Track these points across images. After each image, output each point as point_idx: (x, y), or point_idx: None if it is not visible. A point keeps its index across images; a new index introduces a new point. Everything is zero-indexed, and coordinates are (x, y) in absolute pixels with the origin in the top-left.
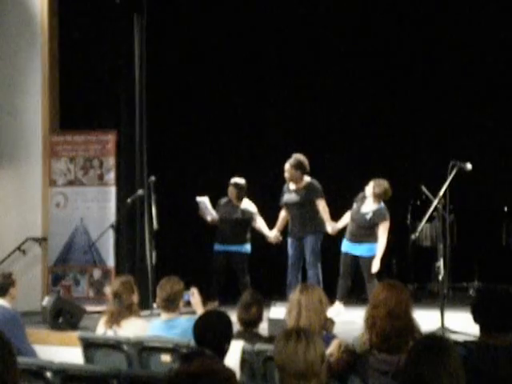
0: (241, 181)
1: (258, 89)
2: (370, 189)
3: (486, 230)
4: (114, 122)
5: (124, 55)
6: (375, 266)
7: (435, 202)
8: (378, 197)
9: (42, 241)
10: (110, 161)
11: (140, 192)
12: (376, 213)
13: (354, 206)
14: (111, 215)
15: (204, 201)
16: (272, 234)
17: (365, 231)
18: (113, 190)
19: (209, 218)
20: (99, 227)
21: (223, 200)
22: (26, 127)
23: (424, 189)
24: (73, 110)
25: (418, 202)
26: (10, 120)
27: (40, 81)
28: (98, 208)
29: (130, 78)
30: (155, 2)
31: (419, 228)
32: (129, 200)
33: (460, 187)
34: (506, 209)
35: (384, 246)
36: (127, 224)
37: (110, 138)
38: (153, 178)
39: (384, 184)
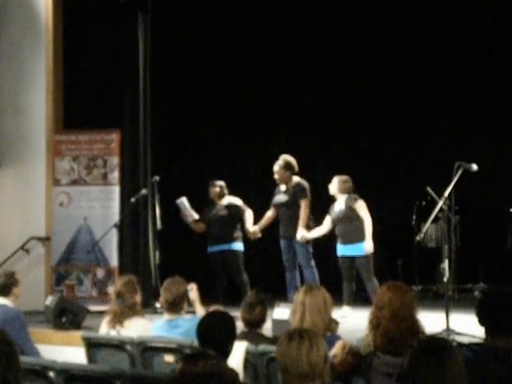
0: (219, 181)
1: (261, 87)
2: (334, 185)
3: (492, 231)
4: (117, 121)
5: (128, 54)
6: (368, 247)
7: (440, 203)
8: (342, 190)
9: (45, 240)
10: (114, 160)
11: (144, 191)
12: (347, 201)
13: (328, 216)
14: (115, 215)
15: (183, 201)
16: (252, 229)
17: (350, 226)
18: (116, 189)
19: (189, 219)
20: (103, 227)
21: (206, 206)
22: (29, 126)
23: (429, 190)
24: (77, 109)
25: (424, 203)
26: (14, 119)
27: (44, 80)
28: (101, 207)
29: (134, 78)
30: (159, 1)
31: (424, 229)
32: (132, 199)
33: (465, 188)
34: (511, 210)
35: (370, 224)
36: (131, 223)
37: (114, 138)
38: (156, 178)
39: (346, 178)
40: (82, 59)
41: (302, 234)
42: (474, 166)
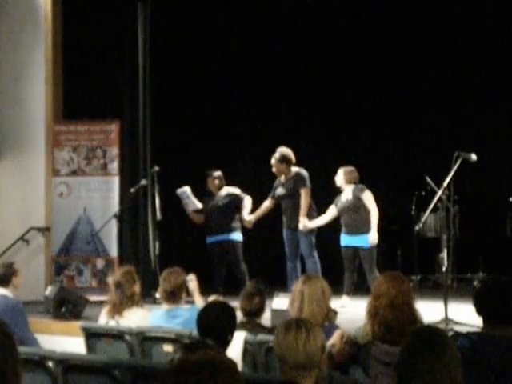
0: (217, 172)
1: (261, 81)
2: (340, 176)
3: (491, 220)
4: (117, 111)
5: (127, 44)
6: (373, 238)
7: (439, 193)
8: (348, 181)
9: (45, 230)
10: (114, 150)
11: (143, 182)
12: (355, 191)
13: (332, 206)
14: (114, 205)
15: (185, 190)
16: (248, 218)
17: (356, 216)
18: (116, 179)
19: (190, 208)
20: (102, 217)
21: (205, 197)
22: (29, 117)
23: (428, 179)
24: (76, 100)
25: (423, 193)
26: (14, 109)
27: (43, 70)
28: (101, 198)
29: (133, 68)
30: None
31: (423, 219)
32: (132, 190)
33: (464, 178)
34: (510, 199)
35: (376, 215)
36: (130, 214)
37: (114, 128)
38: (156, 168)
39: (352, 168)
40: (82, 49)
41: (303, 222)
42: (473, 156)
